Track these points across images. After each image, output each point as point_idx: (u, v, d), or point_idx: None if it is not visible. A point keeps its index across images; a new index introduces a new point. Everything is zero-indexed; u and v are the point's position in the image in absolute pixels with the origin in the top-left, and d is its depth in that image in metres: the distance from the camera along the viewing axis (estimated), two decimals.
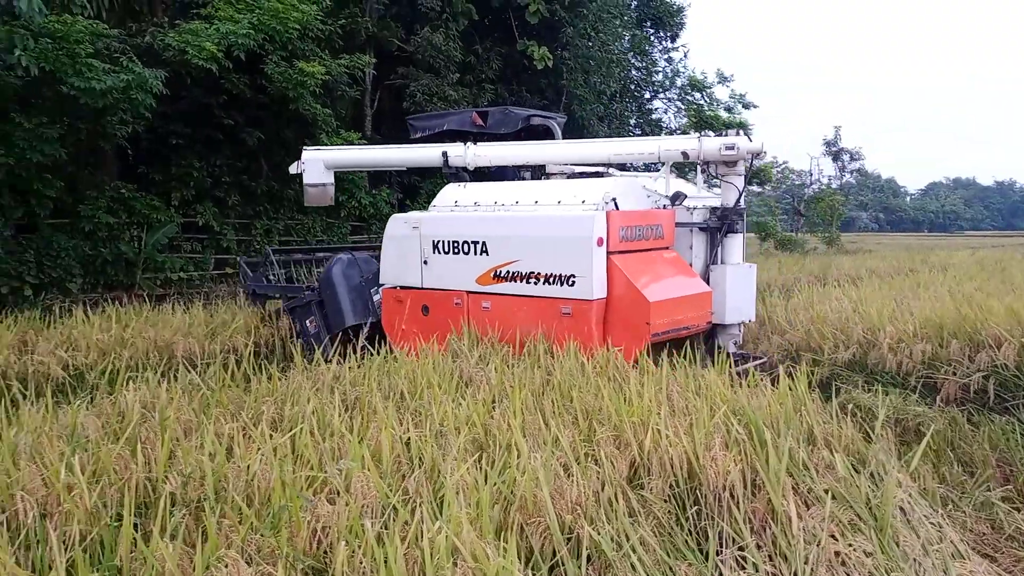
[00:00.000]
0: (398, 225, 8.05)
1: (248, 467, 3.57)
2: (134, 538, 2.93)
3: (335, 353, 6.41)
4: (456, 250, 7.45)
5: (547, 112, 10.25)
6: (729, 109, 30.33)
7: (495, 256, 7.16)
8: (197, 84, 14.74)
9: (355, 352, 6.58)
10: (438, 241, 7.59)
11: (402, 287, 7.93)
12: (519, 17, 20.44)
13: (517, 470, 3.59)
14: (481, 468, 3.73)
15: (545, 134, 9.27)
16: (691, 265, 7.37)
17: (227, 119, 15.74)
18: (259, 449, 3.87)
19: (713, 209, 7.53)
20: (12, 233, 13.03)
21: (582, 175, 8.13)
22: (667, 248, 7.17)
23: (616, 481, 3.89)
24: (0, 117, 12.27)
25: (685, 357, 5.98)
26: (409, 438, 4.14)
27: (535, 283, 6.89)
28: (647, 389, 4.80)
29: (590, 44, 21.62)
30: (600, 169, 8.28)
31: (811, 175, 51.14)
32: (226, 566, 2.73)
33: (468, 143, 8.66)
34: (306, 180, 9.53)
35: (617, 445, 4.21)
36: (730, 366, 5.98)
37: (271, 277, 10.49)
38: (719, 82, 30.89)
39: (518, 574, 2.78)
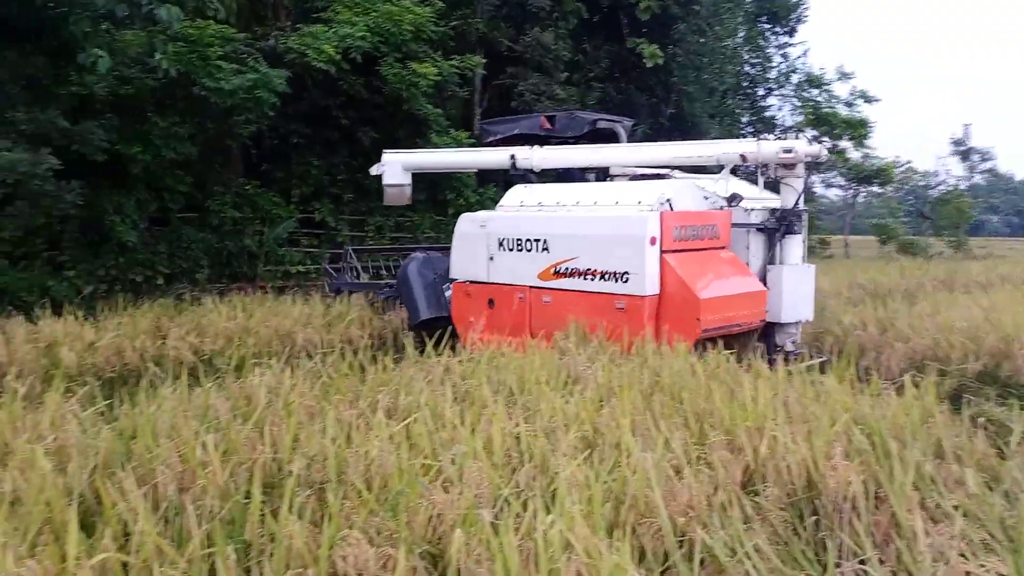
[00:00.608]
0: (467, 223, 8.52)
1: (367, 452, 3.70)
2: (262, 514, 3.09)
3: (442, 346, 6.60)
4: (520, 247, 7.88)
5: (614, 116, 10.59)
6: (849, 104, 29.08)
7: (555, 253, 7.54)
8: (316, 85, 15.35)
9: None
10: (503, 239, 8.04)
11: (470, 281, 8.40)
12: (629, 14, 20.26)
13: (628, 469, 3.57)
14: (591, 465, 3.73)
15: (611, 138, 9.56)
16: (748, 264, 7.52)
17: (344, 119, 16.29)
18: (376, 436, 4.00)
19: (772, 211, 7.68)
20: (147, 226, 13.92)
21: (643, 177, 8.38)
22: (723, 248, 7.37)
23: (729, 486, 3.81)
24: (139, 117, 13.15)
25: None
26: (519, 432, 4.19)
27: (592, 279, 7.20)
28: (761, 394, 4.67)
29: (702, 40, 21.16)
30: (663, 171, 8.49)
31: (936, 175, 48.24)
32: (349, 545, 2.84)
33: (534, 147, 9.03)
34: (385, 181, 10.12)
35: (730, 449, 4.12)
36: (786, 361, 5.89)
37: (352, 275, 11.00)
38: (839, 78, 29.69)
39: (634, 573, 2.76)
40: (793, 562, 3.62)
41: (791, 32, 29.57)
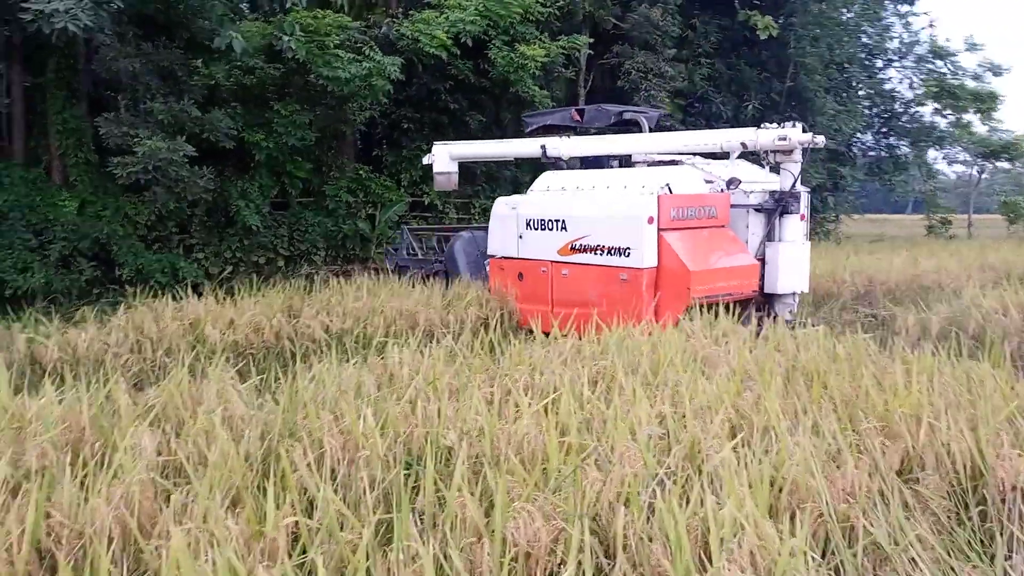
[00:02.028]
0: (501, 206, 9.73)
1: (517, 429, 3.77)
2: (436, 486, 3.20)
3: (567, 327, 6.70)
4: (543, 227, 8.95)
5: (639, 108, 11.87)
6: (977, 77, 27.26)
7: (572, 231, 8.60)
8: (426, 71, 15.59)
9: None
10: (530, 219, 9.12)
11: (503, 257, 9.56)
12: None
13: (785, 454, 3.51)
14: (745, 449, 3.68)
15: (636, 128, 10.53)
16: (747, 242, 8.41)
17: (452, 103, 16.50)
18: (520, 412, 4.08)
19: (771, 192, 8.39)
20: (268, 210, 14.55)
21: (660, 163, 9.24)
22: (722, 226, 8.24)
23: (887, 474, 3.69)
24: (263, 106, 13.72)
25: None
26: (662, 414, 4.18)
27: (601, 254, 8.26)
28: (915, 379, 4.49)
29: (817, 9, 20.25)
30: (676, 157, 9.20)
31: None
32: (516, 517, 2.92)
33: (563, 137, 10.01)
34: (435, 169, 11.28)
35: (886, 436, 3.98)
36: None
37: (410, 252, 12.04)
38: (966, 49, 27.84)
39: (809, 556, 2.73)
40: (959, 552, 3.49)
41: (911, 1, 28.00)
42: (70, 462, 3.49)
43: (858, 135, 28.80)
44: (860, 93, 26.62)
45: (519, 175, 17.37)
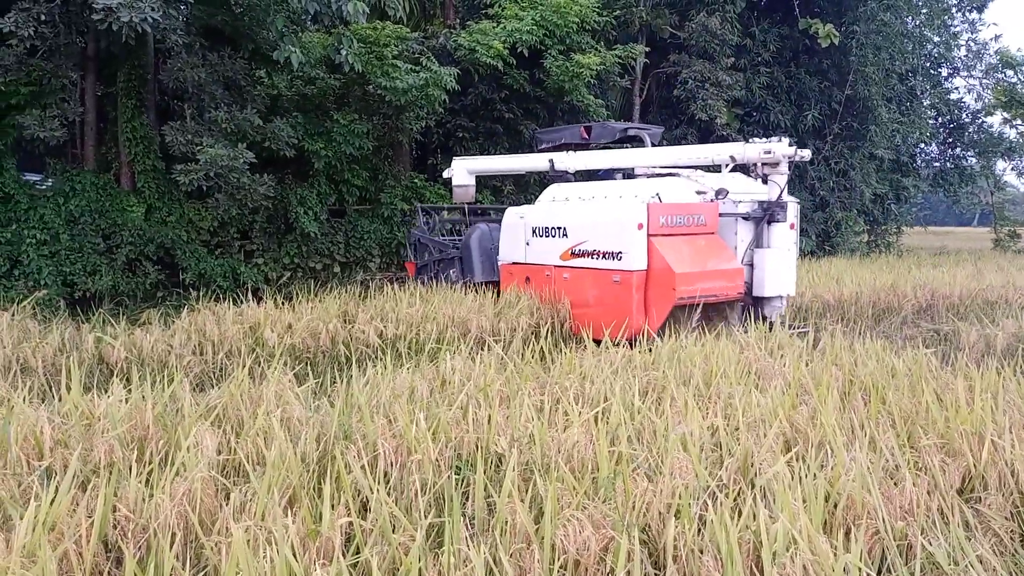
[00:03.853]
0: (511, 216, 10.41)
1: (567, 437, 3.79)
2: (487, 491, 3.24)
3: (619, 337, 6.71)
4: (547, 234, 9.61)
5: (642, 125, 12.69)
6: None
7: (572, 238, 9.22)
8: (482, 80, 15.73)
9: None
10: (536, 227, 9.80)
11: (513, 262, 10.26)
12: None
13: (841, 469, 3.45)
14: (799, 464, 3.63)
15: (639, 143, 11.16)
16: (735, 248, 8.89)
17: (507, 113, 16.60)
18: (572, 422, 4.09)
19: (760, 202, 8.86)
20: (326, 217, 14.83)
21: (657, 175, 9.62)
22: (711, 233, 8.72)
23: (947, 492, 3.60)
24: (323, 115, 14.02)
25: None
26: (715, 426, 4.14)
27: (597, 258, 8.86)
28: (978, 396, 4.37)
29: (882, 18, 19.77)
30: (674, 170, 9.57)
31: None
32: (569, 525, 2.93)
33: (569, 152, 10.85)
34: (455, 182, 12.11)
35: (946, 453, 3.88)
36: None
37: (427, 229, 12.71)
38: None
39: (864, 573, 2.68)
40: (1022, 574, 3.38)
41: (980, 8, 27.15)
42: (136, 459, 3.62)
43: (922, 145, 28.01)
44: (925, 103, 25.90)
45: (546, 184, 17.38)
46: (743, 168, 9.44)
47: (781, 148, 8.63)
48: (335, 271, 14.63)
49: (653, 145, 11.07)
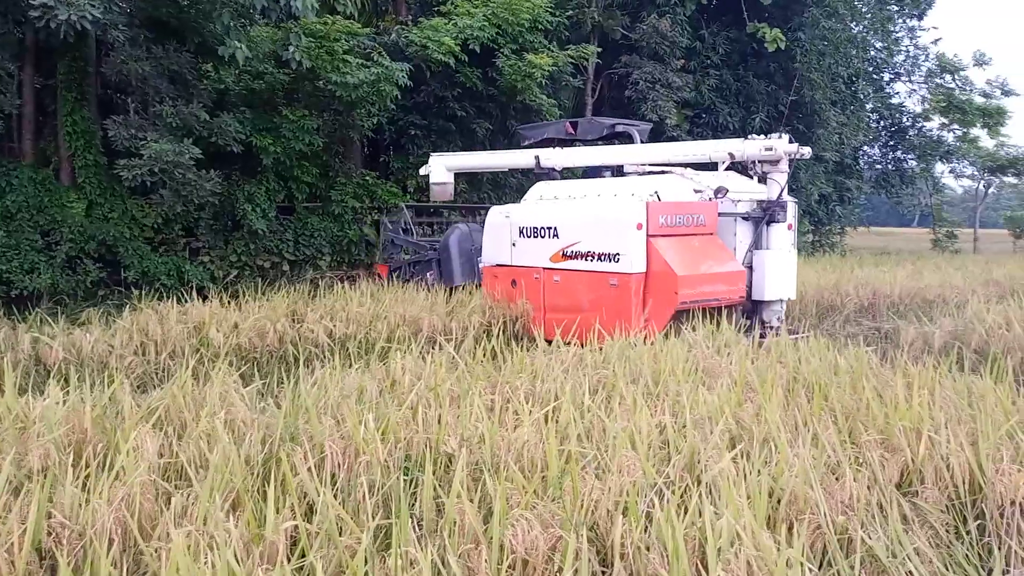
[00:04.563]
0: (495, 215, 9.83)
1: (517, 437, 3.79)
2: (435, 492, 3.21)
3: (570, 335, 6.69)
4: (536, 234, 9.12)
5: (631, 120, 11.99)
6: (986, 95, 27.17)
7: (563, 239, 8.76)
8: (435, 78, 15.64)
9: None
10: (523, 227, 9.28)
11: (497, 264, 9.71)
12: None
13: (785, 465, 3.52)
14: (744, 460, 3.69)
15: (628, 139, 10.77)
16: (734, 249, 8.49)
17: (460, 111, 16.55)
18: (521, 420, 4.09)
19: (759, 202, 8.54)
20: (275, 214, 14.60)
21: (650, 173, 9.26)
22: (710, 233, 8.36)
23: (886, 487, 3.70)
24: (271, 110, 13.79)
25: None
26: (663, 424, 4.18)
27: (591, 260, 8.41)
28: (916, 393, 4.50)
29: (825, 25, 20.28)
30: (668, 168, 9.24)
31: None
32: (514, 524, 2.93)
33: (555, 148, 10.38)
34: (432, 179, 11.71)
35: (886, 449, 3.99)
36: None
37: (405, 231, 12.51)
38: (975, 64, 27.75)
39: (807, 567, 2.74)
40: (956, 566, 3.49)
41: (920, 16, 27.98)
42: (72, 463, 3.51)
43: (865, 148, 28.76)
44: (868, 107, 26.60)
45: (524, 183, 17.41)
46: (737, 167, 9.05)
47: (783, 145, 8.22)
48: (284, 269, 14.41)
49: (642, 142, 10.68)
